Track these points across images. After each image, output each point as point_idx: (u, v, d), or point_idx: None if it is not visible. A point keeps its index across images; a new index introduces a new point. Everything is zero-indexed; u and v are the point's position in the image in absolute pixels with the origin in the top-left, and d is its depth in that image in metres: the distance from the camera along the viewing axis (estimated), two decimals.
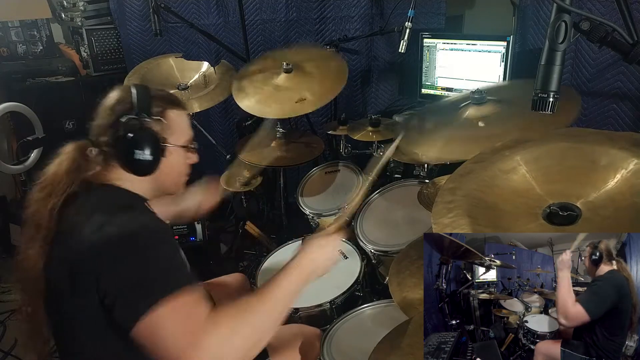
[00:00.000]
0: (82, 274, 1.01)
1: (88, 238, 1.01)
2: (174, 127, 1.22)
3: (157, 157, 1.18)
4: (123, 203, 1.13)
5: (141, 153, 1.14)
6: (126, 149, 1.14)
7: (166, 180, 1.25)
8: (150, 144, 1.16)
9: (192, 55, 2.92)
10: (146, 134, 1.16)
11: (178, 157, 1.25)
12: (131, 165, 1.16)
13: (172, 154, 1.22)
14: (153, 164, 1.17)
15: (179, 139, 1.24)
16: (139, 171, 1.17)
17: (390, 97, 2.83)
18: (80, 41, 3.06)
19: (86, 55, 3.05)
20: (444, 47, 2.44)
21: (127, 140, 1.13)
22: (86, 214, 1.06)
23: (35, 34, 3.10)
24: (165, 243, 1.07)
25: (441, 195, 1.01)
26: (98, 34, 3.03)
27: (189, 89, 2.46)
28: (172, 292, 0.96)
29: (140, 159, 1.15)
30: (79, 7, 2.97)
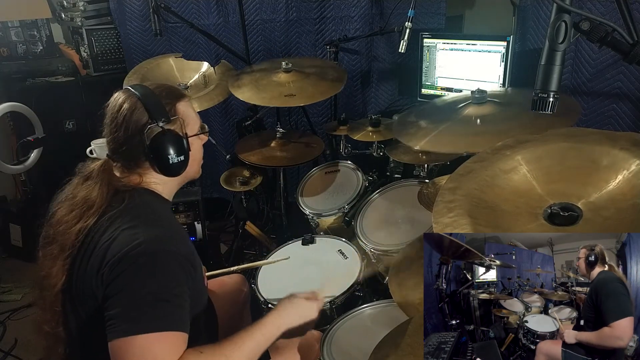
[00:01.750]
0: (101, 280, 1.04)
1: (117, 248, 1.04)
2: (186, 119, 1.25)
3: (187, 155, 1.23)
4: (153, 221, 1.13)
5: (174, 157, 1.19)
6: (159, 157, 1.18)
7: (190, 169, 1.28)
8: (178, 144, 1.20)
9: (192, 55, 2.92)
10: (172, 137, 1.19)
11: (196, 144, 1.29)
12: (167, 170, 1.20)
13: (193, 144, 1.26)
14: (185, 161, 1.22)
15: (194, 128, 1.27)
16: (175, 173, 1.22)
17: (390, 97, 2.83)
18: (80, 41, 3.06)
19: (86, 55, 3.05)
20: (444, 47, 2.44)
21: (157, 148, 1.17)
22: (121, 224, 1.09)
23: (35, 34, 3.10)
24: (188, 272, 1.08)
25: (442, 195, 1.01)
26: (98, 34, 3.03)
27: (189, 89, 2.46)
28: (163, 328, 0.99)
29: (175, 162, 1.19)
30: (79, 7, 2.97)
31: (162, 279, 1.03)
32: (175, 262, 1.07)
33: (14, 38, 3.05)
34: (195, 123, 1.28)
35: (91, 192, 1.16)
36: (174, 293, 1.04)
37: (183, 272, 1.08)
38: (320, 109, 2.93)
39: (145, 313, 0.99)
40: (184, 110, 1.25)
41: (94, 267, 1.07)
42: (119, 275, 1.02)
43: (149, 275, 1.02)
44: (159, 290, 1.02)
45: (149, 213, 1.15)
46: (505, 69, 2.25)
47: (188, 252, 1.13)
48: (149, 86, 1.24)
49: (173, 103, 1.23)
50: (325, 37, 2.77)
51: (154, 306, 1.00)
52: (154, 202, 1.21)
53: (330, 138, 2.64)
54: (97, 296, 1.05)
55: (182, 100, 1.26)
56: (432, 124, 1.61)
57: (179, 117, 1.22)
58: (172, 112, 1.21)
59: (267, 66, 2.38)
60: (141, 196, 1.18)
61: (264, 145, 2.40)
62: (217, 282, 1.78)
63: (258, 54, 2.89)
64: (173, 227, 1.18)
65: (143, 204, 1.17)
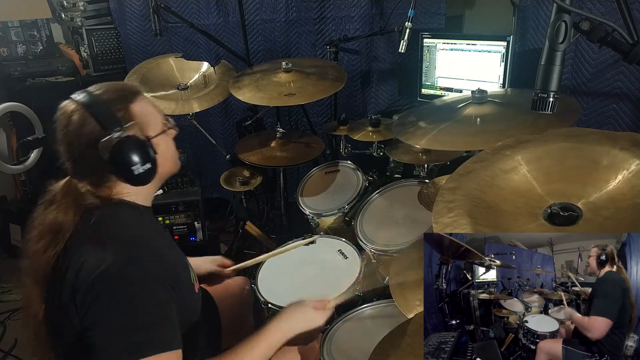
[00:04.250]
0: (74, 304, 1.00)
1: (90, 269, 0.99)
2: (145, 120, 1.13)
3: (154, 160, 1.12)
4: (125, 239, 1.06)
5: (139, 166, 1.08)
6: (123, 169, 1.07)
7: (164, 168, 1.18)
8: (141, 152, 1.08)
9: (192, 55, 2.92)
10: (132, 145, 1.07)
11: (164, 142, 1.17)
12: (135, 181, 1.10)
13: (159, 145, 1.15)
14: (153, 168, 1.12)
15: (156, 126, 1.15)
16: (144, 182, 1.12)
17: (390, 97, 2.83)
18: (80, 41, 3.06)
19: (86, 55, 3.05)
20: (444, 47, 2.44)
21: (118, 160, 1.06)
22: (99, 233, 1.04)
23: (35, 34, 3.10)
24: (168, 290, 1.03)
25: (442, 195, 1.01)
26: (98, 34, 3.03)
27: (189, 89, 2.46)
28: (152, 352, 0.95)
29: (141, 171, 1.09)
30: (79, 7, 2.97)
31: (142, 301, 0.98)
32: (153, 282, 1.01)
33: (14, 38, 3.05)
34: (156, 120, 1.16)
35: (57, 217, 1.08)
36: (157, 313, 0.99)
37: (164, 290, 1.03)
38: (320, 109, 2.93)
39: (129, 340, 0.95)
40: (140, 111, 1.12)
41: (67, 296, 1.01)
42: (93, 304, 0.96)
43: (126, 301, 0.97)
44: (140, 313, 0.97)
45: (118, 230, 1.07)
46: (505, 69, 2.25)
47: (168, 267, 1.07)
48: (96, 91, 1.12)
49: (126, 106, 1.10)
50: (325, 37, 2.77)
51: (138, 331, 0.96)
52: (126, 215, 1.12)
53: (330, 138, 2.64)
54: (76, 325, 1.00)
55: (135, 100, 1.13)
56: (431, 124, 1.61)
57: (135, 120, 1.09)
58: (127, 116, 1.09)
59: (267, 67, 2.39)
60: (111, 211, 1.10)
61: (264, 145, 2.40)
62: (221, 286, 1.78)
63: (258, 54, 2.89)
64: (146, 241, 1.09)
65: (112, 220, 1.09)
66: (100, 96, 1.10)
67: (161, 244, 1.14)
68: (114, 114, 1.08)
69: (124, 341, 0.95)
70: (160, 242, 1.15)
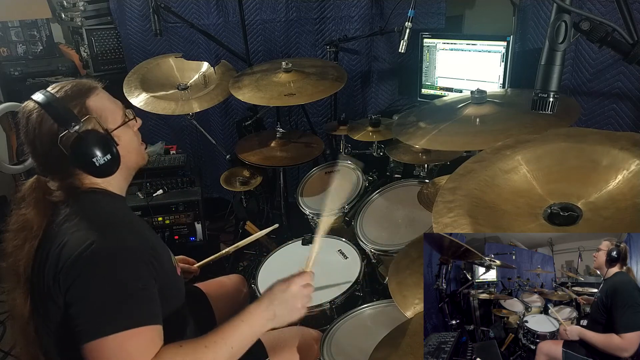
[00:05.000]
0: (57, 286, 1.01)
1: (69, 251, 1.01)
2: (103, 113, 1.16)
3: (115, 151, 1.14)
4: (102, 219, 1.09)
5: (100, 158, 1.11)
6: (85, 162, 1.11)
7: (130, 160, 1.21)
8: (101, 144, 1.12)
9: (192, 55, 2.92)
10: (92, 139, 1.11)
11: (126, 134, 1.20)
12: (98, 173, 1.14)
13: (120, 138, 1.17)
14: (115, 159, 1.15)
15: (115, 119, 1.18)
16: (107, 173, 1.15)
17: (390, 97, 2.83)
18: (80, 41, 3.06)
19: (86, 55, 3.05)
20: (444, 47, 2.44)
21: (78, 155, 1.10)
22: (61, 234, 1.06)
23: (35, 34, 3.10)
24: (146, 267, 1.05)
25: (442, 195, 1.01)
26: (98, 34, 3.03)
27: (189, 89, 2.46)
28: (131, 325, 0.97)
29: (103, 162, 1.11)
30: (79, 7, 2.97)
31: (122, 275, 1.01)
32: (134, 257, 1.04)
33: (14, 38, 3.05)
34: (116, 113, 1.19)
35: (27, 214, 1.12)
36: (138, 287, 1.01)
37: (144, 265, 1.04)
38: (320, 109, 2.93)
39: (110, 312, 0.97)
40: (97, 105, 1.15)
41: (50, 276, 1.03)
42: (77, 279, 0.99)
43: (108, 274, 1.00)
44: (121, 287, 0.99)
45: (98, 212, 1.11)
46: (505, 69, 2.25)
47: (147, 245, 1.09)
48: (52, 89, 1.15)
49: (82, 101, 1.13)
50: (325, 37, 2.77)
51: (119, 304, 0.98)
52: (102, 200, 1.15)
53: (330, 138, 2.64)
54: (60, 305, 1.02)
55: (91, 94, 1.16)
56: (431, 124, 1.61)
57: (91, 115, 1.13)
58: (83, 111, 1.12)
59: (267, 67, 2.39)
60: (87, 197, 1.14)
61: (264, 145, 2.40)
62: (216, 283, 1.78)
63: (258, 54, 2.89)
64: (126, 222, 1.13)
65: (90, 203, 1.13)
66: (55, 94, 1.13)
67: (139, 225, 1.18)
68: (70, 110, 1.11)
69: (104, 315, 0.97)
70: (138, 224, 1.18)
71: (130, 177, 1.26)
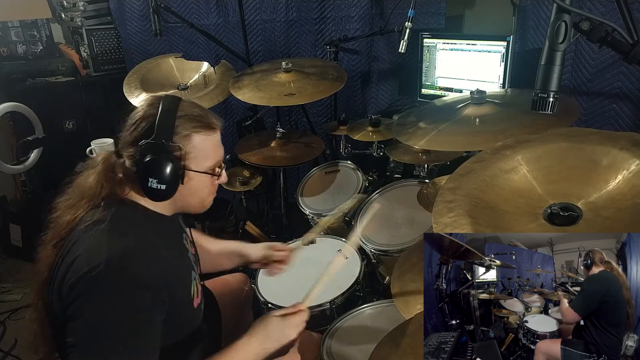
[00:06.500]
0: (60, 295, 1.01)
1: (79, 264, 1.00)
2: (197, 153, 1.13)
3: (173, 186, 1.11)
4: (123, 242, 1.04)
5: (155, 182, 1.08)
6: (141, 175, 1.08)
7: (187, 203, 1.19)
8: (165, 173, 1.08)
9: (192, 55, 2.92)
10: (162, 162, 1.07)
11: (200, 180, 1.16)
12: (145, 192, 1.10)
13: (192, 180, 1.14)
14: (168, 192, 1.10)
15: (202, 164, 1.15)
16: (152, 198, 1.11)
17: (390, 97, 2.83)
18: (80, 41, 3.06)
19: (86, 55, 3.05)
20: (444, 47, 2.44)
21: (143, 166, 1.07)
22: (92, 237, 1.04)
23: (35, 34, 3.10)
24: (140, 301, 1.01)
25: (442, 195, 1.01)
26: (98, 34, 3.03)
27: (189, 89, 2.46)
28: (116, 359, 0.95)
29: (154, 187, 1.08)
30: (79, 7, 2.97)
31: (121, 306, 0.98)
32: (139, 290, 1.00)
33: (14, 38, 3.05)
34: (208, 160, 1.16)
35: (86, 181, 1.12)
36: (135, 320, 0.99)
37: (150, 300, 1.01)
38: (320, 109, 2.93)
39: (103, 347, 0.95)
40: (200, 143, 1.13)
41: (56, 282, 1.03)
42: (77, 299, 0.97)
43: (108, 302, 0.97)
44: (117, 317, 0.97)
45: (123, 232, 1.07)
46: (505, 69, 2.25)
47: (160, 280, 1.05)
48: (183, 104, 1.15)
49: (191, 131, 1.12)
50: (325, 37, 2.77)
51: (112, 334, 0.96)
52: (134, 218, 1.12)
53: (330, 138, 2.64)
54: (58, 313, 1.02)
55: (204, 131, 1.14)
56: (431, 124, 1.61)
57: (185, 148, 1.11)
58: (184, 139, 1.11)
59: (267, 67, 2.39)
60: (120, 211, 1.10)
61: (264, 145, 2.40)
62: (221, 281, 1.78)
63: (258, 54, 2.89)
64: (144, 249, 1.07)
65: (121, 218, 1.09)
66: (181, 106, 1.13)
67: (165, 254, 1.12)
68: (172, 128, 1.10)
69: (95, 342, 0.95)
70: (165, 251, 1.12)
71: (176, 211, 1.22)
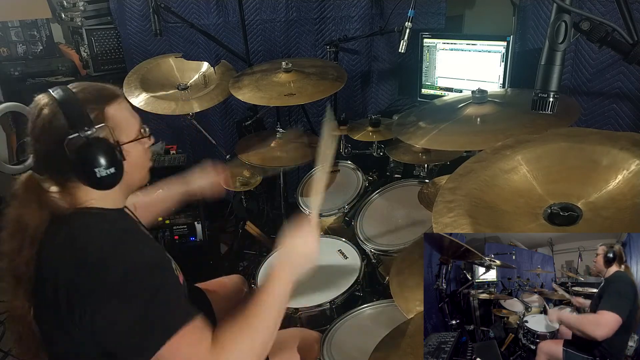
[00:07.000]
0: (72, 320, 0.97)
1: (77, 281, 0.97)
2: (119, 124, 1.10)
3: (120, 165, 1.08)
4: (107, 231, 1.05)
5: (102, 169, 1.04)
6: (85, 170, 1.04)
7: (133, 177, 1.16)
8: (106, 155, 1.04)
9: (192, 55, 2.92)
10: (99, 148, 1.04)
11: (136, 150, 1.14)
12: (97, 184, 1.06)
13: (130, 153, 1.12)
14: (119, 173, 1.08)
15: (129, 133, 1.13)
16: (107, 186, 1.08)
17: (390, 97, 2.83)
18: (80, 41, 3.06)
19: (86, 55, 3.05)
20: (444, 47, 2.44)
21: (81, 161, 1.03)
22: (70, 254, 1.01)
23: (35, 34, 3.10)
24: (163, 275, 1.04)
25: (442, 195, 1.01)
26: (98, 34, 3.03)
27: (189, 89, 2.46)
28: (176, 331, 0.96)
29: (104, 174, 1.04)
30: (79, 7, 2.97)
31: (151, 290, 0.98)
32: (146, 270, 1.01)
33: (14, 38, 3.05)
34: (132, 126, 1.14)
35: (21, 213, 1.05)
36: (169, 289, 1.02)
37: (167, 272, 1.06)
38: (320, 109, 2.93)
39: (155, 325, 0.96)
40: (116, 114, 1.10)
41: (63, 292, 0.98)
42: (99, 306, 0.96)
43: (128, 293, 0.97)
44: (150, 299, 0.97)
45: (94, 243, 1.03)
46: (505, 69, 2.25)
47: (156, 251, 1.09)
48: (74, 88, 1.09)
49: (100, 107, 1.08)
50: (325, 37, 2.77)
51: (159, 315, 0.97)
52: (99, 222, 1.08)
53: None
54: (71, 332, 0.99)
55: (112, 102, 1.10)
56: (432, 124, 1.61)
57: (106, 124, 1.07)
58: (99, 118, 1.06)
59: (267, 67, 2.39)
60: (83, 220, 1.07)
61: (264, 146, 2.40)
62: (216, 283, 1.78)
63: (258, 54, 2.89)
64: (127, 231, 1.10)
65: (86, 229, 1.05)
66: (75, 94, 1.08)
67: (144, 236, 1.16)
68: (86, 113, 1.05)
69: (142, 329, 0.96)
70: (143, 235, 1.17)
71: (128, 195, 1.20)
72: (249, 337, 1.04)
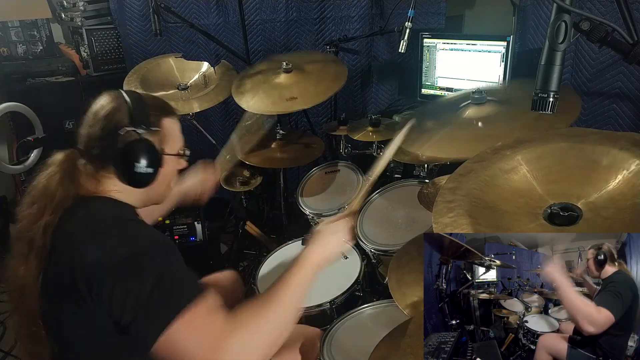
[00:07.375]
0: (89, 294, 0.99)
1: (95, 257, 1.00)
2: (168, 136, 1.21)
3: (157, 169, 1.17)
4: (124, 216, 1.12)
5: (142, 166, 1.13)
6: (126, 162, 1.12)
7: (158, 190, 1.23)
8: (150, 156, 1.14)
9: (192, 55, 2.92)
10: (146, 147, 1.14)
11: (171, 165, 1.24)
12: (131, 179, 1.14)
13: (167, 163, 1.21)
14: (153, 175, 1.16)
15: (173, 147, 1.23)
16: (138, 184, 1.16)
17: (390, 97, 2.83)
18: (80, 41, 3.06)
19: (86, 55, 3.05)
20: (444, 47, 2.44)
21: (127, 153, 1.12)
22: (89, 231, 1.06)
23: (35, 34, 3.10)
24: (174, 254, 1.07)
25: (442, 195, 1.01)
26: (98, 34, 3.03)
27: (189, 89, 2.46)
28: (189, 303, 0.98)
29: (141, 172, 1.13)
30: (79, 7, 2.97)
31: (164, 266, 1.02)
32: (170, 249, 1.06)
33: (14, 38, 3.05)
34: (176, 143, 1.24)
35: (49, 183, 1.11)
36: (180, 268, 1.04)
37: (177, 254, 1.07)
38: (320, 109, 2.93)
39: (168, 300, 0.98)
40: (169, 127, 1.21)
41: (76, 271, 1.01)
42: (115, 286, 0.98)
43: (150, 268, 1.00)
44: (170, 274, 1.00)
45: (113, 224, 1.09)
46: (505, 69, 2.25)
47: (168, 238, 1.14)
48: (141, 94, 1.22)
49: (159, 116, 1.19)
50: (325, 37, 2.77)
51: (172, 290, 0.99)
52: (117, 207, 1.15)
53: (330, 138, 2.64)
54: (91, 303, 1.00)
55: (170, 116, 1.22)
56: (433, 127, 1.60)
57: (160, 130, 1.18)
58: (156, 124, 1.18)
59: (267, 66, 2.36)
60: (103, 206, 1.13)
61: (264, 146, 2.40)
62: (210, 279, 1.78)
63: (258, 54, 2.89)
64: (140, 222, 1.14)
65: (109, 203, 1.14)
66: (144, 97, 1.20)
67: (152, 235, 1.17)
68: (147, 115, 1.16)
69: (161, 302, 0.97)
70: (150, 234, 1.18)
71: (143, 205, 1.23)
72: (264, 321, 1.04)
